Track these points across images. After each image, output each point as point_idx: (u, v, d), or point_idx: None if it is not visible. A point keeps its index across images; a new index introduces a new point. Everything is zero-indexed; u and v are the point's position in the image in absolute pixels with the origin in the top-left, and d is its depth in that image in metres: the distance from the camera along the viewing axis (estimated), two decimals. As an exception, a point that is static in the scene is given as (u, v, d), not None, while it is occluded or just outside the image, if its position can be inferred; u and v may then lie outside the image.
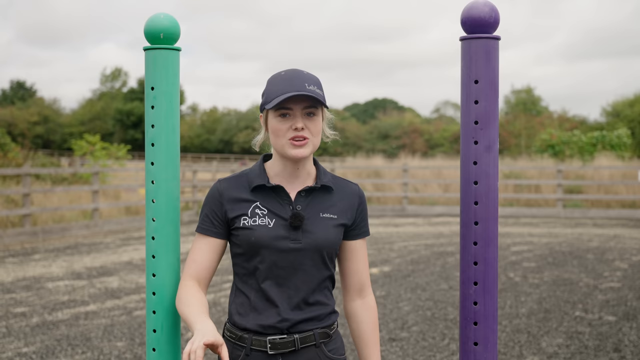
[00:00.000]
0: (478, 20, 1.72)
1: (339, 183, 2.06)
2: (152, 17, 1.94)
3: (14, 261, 10.28)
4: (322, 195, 2.01)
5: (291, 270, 1.95)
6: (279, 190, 1.98)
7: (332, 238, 1.98)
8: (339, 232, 2.00)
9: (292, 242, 1.94)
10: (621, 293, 7.71)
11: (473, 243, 1.76)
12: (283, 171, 2.00)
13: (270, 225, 1.95)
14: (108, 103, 59.75)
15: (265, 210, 1.96)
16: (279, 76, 1.96)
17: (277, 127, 1.93)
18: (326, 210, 2.00)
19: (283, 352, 1.95)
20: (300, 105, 1.92)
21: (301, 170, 2.00)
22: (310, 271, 1.97)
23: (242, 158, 46.95)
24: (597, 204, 18.60)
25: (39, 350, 5.57)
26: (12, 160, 16.09)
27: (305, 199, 1.99)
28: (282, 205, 1.97)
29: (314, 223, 1.97)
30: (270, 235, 1.94)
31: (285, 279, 1.96)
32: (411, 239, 12.89)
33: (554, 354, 5.40)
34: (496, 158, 1.76)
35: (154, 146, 1.96)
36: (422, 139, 46.95)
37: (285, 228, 1.95)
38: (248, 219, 1.96)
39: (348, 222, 2.02)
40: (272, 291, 1.96)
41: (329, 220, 1.99)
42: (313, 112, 1.94)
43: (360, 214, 2.06)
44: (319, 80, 1.98)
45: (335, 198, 2.02)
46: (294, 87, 1.90)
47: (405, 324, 6.38)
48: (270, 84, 1.96)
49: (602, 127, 36.60)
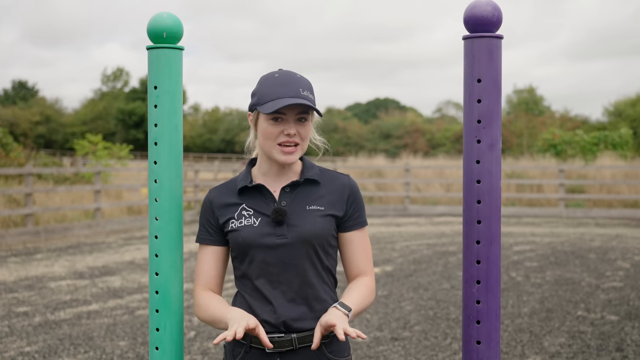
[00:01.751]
0: (481, 19, 1.72)
1: (327, 175, 2.06)
2: (155, 16, 1.95)
3: (17, 261, 10.30)
4: (308, 189, 2.02)
5: (282, 266, 1.96)
6: (262, 189, 2.01)
7: (319, 229, 1.97)
8: (327, 223, 1.99)
9: (278, 237, 1.96)
10: (623, 293, 7.71)
11: (476, 241, 1.76)
12: (269, 171, 2.03)
13: (256, 224, 1.97)
14: (110, 103, 59.79)
15: (252, 211, 1.99)
16: (272, 78, 1.97)
17: (268, 130, 1.95)
18: (312, 202, 2.00)
19: (280, 351, 1.95)
20: (293, 111, 1.94)
21: (287, 169, 2.03)
22: (302, 265, 1.97)
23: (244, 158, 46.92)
24: (600, 203, 18.59)
25: (41, 349, 5.58)
26: (14, 160, 16.10)
27: (290, 195, 2.00)
28: (267, 203, 1.99)
29: (300, 216, 1.97)
30: (256, 234, 1.96)
31: (278, 276, 1.96)
32: (413, 239, 12.89)
33: (556, 354, 5.39)
34: (499, 156, 1.76)
35: (157, 145, 1.97)
36: (424, 138, 46.92)
37: (270, 225, 1.97)
38: (235, 221, 1.99)
39: (338, 214, 2.01)
40: (265, 289, 1.97)
41: (315, 212, 1.98)
42: (305, 117, 1.96)
43: (352, 204, 2.04)
44: (311, 83, 2.00)
45: (323, 190, 2.02)
46: (289, 92, 1.91)
47: (407, 323, 6.38)
48: (263, 85, 1.97)
49: (604, 127, 36.56)
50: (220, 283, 2.05)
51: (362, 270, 2.06)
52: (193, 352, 5.45)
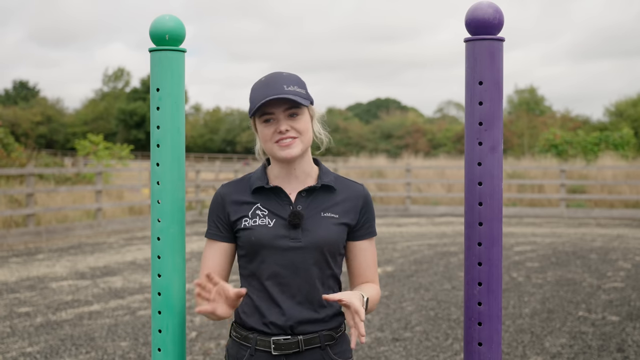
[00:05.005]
0: (482, 22, 1.72)
1: (342, 183, 2.06)
2: (158, 18, 1.95)
3: (18, 261, 10.31)
4: (324, 195, 2.02)
5: (293, 270, 1.96)
6: (278, 191, 2.00)
7: (333, 237, 1.97)
8: (340, 231, 1.99)
9: (292, 240, 1.95)
10: (624, 293, 7.71)
11: (477, 244, 1.77)
12: (280, 172, 2.03)
13: (270, 225, 1.97)
14: (111, 103, 59.83)
15: (266, 211, 1.99)
16: (259, 82, 1.99)
17: (263, 132, 1.97)
18: (327, 209, 2.00)
19: (287, 353, 1.95)
20: (281, 108, 1.94)
21: (298, 170, 2.02)
22: (312, 270, 1.97)
23: (245, 158, 46.97)
24: (601, 203, 18.58)
25: (43, 350, 5.59)
26: (15, 160, 16.09)
27: (306, 199, 2.00)
28: (282, 205, 1.99)
29: (315, 222, 1.97)
30: (270, 235, 1.95)
31: (287, 279, 1.96)
32: (414, 239, 12.89)
33: (557, 354, 5.40)
34: (500, 159, 1.76)
35: (160, 147, 1.97)
36: (425, 138, 46.91)
37: (285, 227, 1.96)
38: (249, 219, 1.98)
39: (351, 223, 2.02)
40: (274, 291, 1.97)
41: (330, 219, 1.99)
42: (295, 112, 1.95)
43: (364, 214, 2.05)
44: (300, 78, 1.99)
45: (338, 198, 2.02)
46: (273, 91, 1.92)
47: (408, 324, 6.38)
48: (252, 90, 1.99)
49: (606, 127, 36.54)
50: (224, 279, 2.04)
51: (368, 280, 2.07)
52: (194, 352, 5.46)
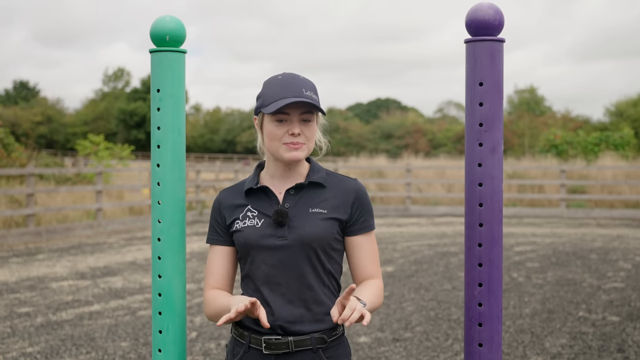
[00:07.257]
0: (483, 23, 1.72)
1: (333, 179, 2.06)
2: (158, 19, 1.95)
3: (18, 261, 10.31)
4: (313, 192, 2.02)
5: (281, 268, 1.97)
6: (267, 191, 2.03)
7: (320, 232, 1.97)
8: (328, 226, 1.98)
9: (278, 239, 1.97)
10: (625, 293, 7.71)
11: (478, 245, 1.77)
12: (275, 172, 2.04)
13: (258, 225, 1.99)
14: (111, 103, 59.86)
15: (256, 212, 2.02)
16: (275, 80, 1.99)
17: (273, 131, 1.96)
18: (316, 205, 2.00)
19: (277, 353, 1.95)
20: (297, 111, 1.95)
21: (293, 170, 2.04)
22: (302, 268, 1.97)
23: (246, 158, 46.99)
24: (601, 204, 18.58)
25: (43, 350, 5.59)
26: (15, 160, 16.10)
27: (294, 197, 2.01)
28: (271, 205, 2.01)
29: (301, 219, 1.98)
30: (257, 234, 1.98)
31: (278, 277, 1.97)
32: (414, 239, 12.89)
33: (557, 355, 5.40)
34: (501, 160, 1.76)
35: (160, 148, 1.97)
36: (425, 138, 46.92)
37: (272, 226, 1.98)
38: (240, 222, 2.01)
39: (342, 218, 2.01)
40: (265, 290, 1.98)
41: (317, 214, 1.99)
42: (309, 118, 1.97)
43: (357, 208, 2.03)
44: (314, 85, 2.01)
45: (328, 194, 2.02)
46: (292, 93, 1.92)
47: (408, 324, 6.38)
48: (267, 87, 1.99)
49: (606, 127, 36.54)
50: (230, 283, 2.06)
51: (369, 274, 2.05)
52: (195, 352, 5.46)
